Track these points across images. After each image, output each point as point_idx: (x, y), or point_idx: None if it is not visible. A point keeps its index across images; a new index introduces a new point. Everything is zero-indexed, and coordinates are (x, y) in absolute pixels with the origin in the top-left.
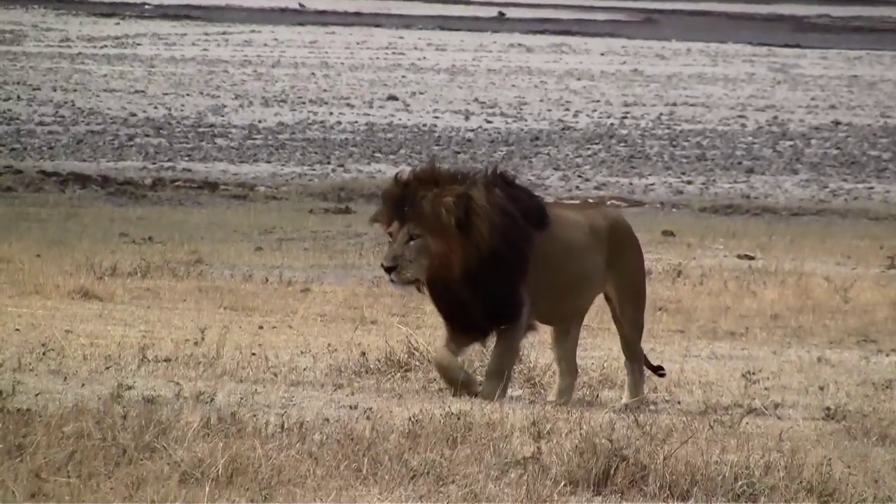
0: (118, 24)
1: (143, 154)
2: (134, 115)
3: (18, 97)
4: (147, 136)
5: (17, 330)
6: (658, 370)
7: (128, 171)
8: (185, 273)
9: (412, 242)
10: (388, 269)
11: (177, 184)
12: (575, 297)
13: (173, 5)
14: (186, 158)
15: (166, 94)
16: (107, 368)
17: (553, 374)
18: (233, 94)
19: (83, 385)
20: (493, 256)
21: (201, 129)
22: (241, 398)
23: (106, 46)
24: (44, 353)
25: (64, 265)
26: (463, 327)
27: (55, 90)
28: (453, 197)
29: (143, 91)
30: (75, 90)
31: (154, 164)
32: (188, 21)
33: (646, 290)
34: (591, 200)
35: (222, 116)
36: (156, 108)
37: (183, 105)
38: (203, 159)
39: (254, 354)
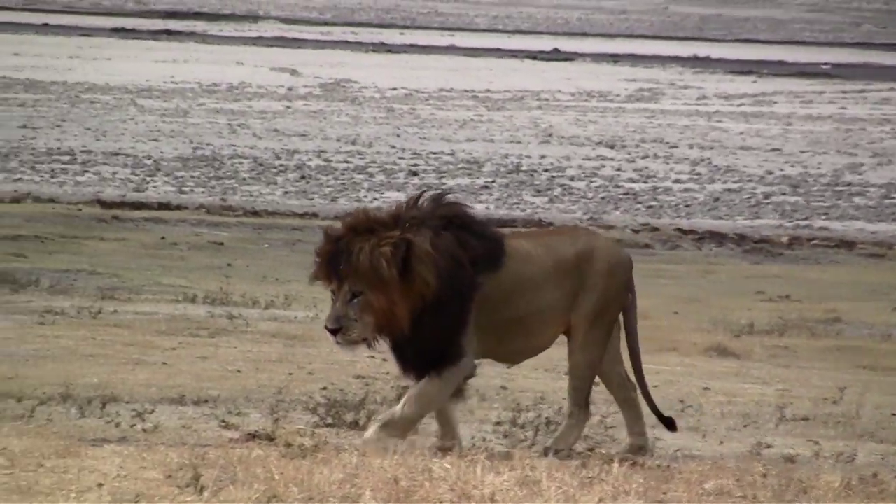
0: (755, 81)
1: (780, 212)
2: (770, 172)
3: (655, 155)
4: (783, 193)
5: (656, 386)
6: (668, 423)
7: (764, 228)
8: (823, 331)
9: (355, 300)
10: (333, 332)
11: (813, 242)
12: (525, 335)
13: (850, 64)
14: (823, 216)
15: (803, 151)
16: (744, 426)
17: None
18: (870, 152)
19: (721, 442)
20: (438, 303)
21: (838, 188)
22: (882, 459)
23: (743, 104)
24: (682, 410)
25: (700, 322)
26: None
27: (691, 147)
28: (390, 246)
29: (779, 149)
30: (712, 148)
31: (790, 221)
32: (826, 79)
33: (611, 329)
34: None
35: (859, 175)
36: (792, 165)
37: (819, 163)
38: (840, 217)
39: (894, 415)
